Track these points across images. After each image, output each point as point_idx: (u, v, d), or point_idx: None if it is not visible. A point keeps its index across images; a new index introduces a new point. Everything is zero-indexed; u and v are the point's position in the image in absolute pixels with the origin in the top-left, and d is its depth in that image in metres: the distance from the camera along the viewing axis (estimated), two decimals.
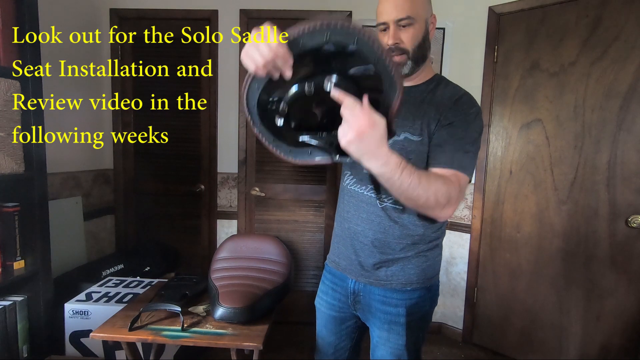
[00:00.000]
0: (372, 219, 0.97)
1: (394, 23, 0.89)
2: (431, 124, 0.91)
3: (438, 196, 0.80)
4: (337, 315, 1.09)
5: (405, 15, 0.88)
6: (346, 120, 0.68)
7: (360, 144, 0.68)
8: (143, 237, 2.41)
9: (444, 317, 2.38)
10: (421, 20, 0.91)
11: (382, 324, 1.00)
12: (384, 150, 0.72)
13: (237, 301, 1.25)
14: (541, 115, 1.91)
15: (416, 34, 0.90)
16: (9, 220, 1.38)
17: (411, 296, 0.98)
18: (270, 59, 0.65)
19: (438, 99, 0.93)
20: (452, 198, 0.83)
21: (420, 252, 0.98)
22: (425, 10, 0.91)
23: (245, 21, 2.25)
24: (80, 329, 1.51)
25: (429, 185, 0.79)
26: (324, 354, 1.15)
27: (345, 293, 1.06)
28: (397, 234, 0.96)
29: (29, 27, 1.39)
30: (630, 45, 1.65)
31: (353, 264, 1.03)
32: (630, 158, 1.68)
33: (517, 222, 2.03)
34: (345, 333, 1.11)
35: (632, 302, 1.71)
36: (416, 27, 0.90)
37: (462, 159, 0.87)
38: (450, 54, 2.20)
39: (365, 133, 0.67)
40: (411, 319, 0.98)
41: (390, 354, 1.00)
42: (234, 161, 2.35)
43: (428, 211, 0.84)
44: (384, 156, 0.72)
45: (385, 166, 0.73)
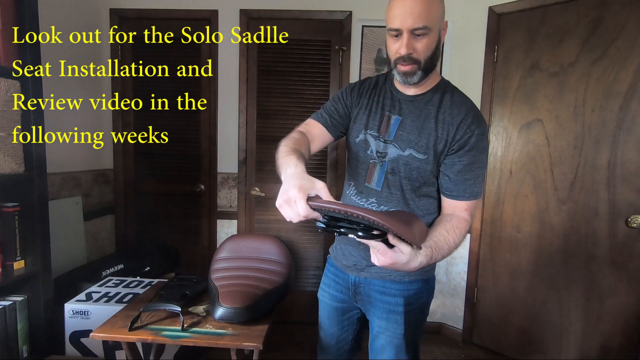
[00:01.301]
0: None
1: (409, 32, 0.84)
2: (438, 144, 0.91)
3: (458, 241, 0.87)
4: (339, 306, 1.12)
5: (422, 25, 0.83)
6: (375, 254, 0.72)
7: (393, 267, 0.73)
8: (143, 237, 2.41)
9: (444, 317, 2.38)
10: (436, 30, 0.86)
11: (382, 313, 1.03)
12: (414, 264, 0.74)
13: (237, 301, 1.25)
14: (541, 115, 1.91)
15: (430, 45, 0.87)
16: (9, 220, 1.37)
17: (409, 287, 1.01)
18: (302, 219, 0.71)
19: (445, 116, 0.92)
20: (467, 229, 0.91)
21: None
22: (440, 19, 0.87)
23: (245, 21, 2.25)
24: (80, 329, 1.51)
25: (452, 243, 0.85)
26: (326, 345, 1.17)
27: (346, 285, 1.09)
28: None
29: (29, 27, 1.39)
30: (630, 45, 1.65)
31: (353, 263, 1.05)
32: (630, 158, 1.68)
33: (517, 222, 2.03)
34: (347, 324, 1.14)
35: (632, 302, 1.71)
36: (431, 37, 0.86)
37: (474, 187, 0.91)
38: (450, 54, 2.20)
39: (392, 266, 0.72)
40: (409, 309, 1.01)
41: (389, 343, 1.03)
42: (234, 161, 2.35)
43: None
44: (415, 265, 0.75)
45: (420, 268, 0.77)
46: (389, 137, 0.96)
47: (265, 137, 2.32)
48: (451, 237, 0.86)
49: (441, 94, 0.95)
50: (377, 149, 0.97)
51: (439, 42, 0.89)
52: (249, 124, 2.33)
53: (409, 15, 0.83)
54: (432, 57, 0.89)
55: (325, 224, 0.72)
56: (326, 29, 2.25)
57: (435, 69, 0.94)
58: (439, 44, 0.90)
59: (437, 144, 0.91)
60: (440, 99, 0.94)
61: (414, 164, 0.93)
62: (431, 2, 0.84)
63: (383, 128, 0.97)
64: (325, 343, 1.18)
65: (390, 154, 0.95)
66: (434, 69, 0.92)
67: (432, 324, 2.39)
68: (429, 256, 0.78)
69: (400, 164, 0.94)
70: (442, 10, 0.87)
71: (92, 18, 2.23)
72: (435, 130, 0.91)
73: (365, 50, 2.24)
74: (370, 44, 2.24)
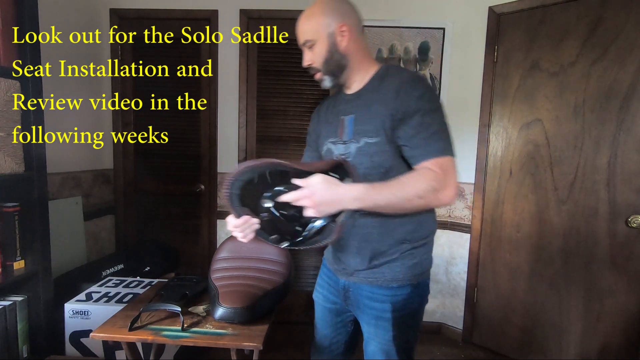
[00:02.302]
0: (351, 229, 1.00)
1: (303, 46, 1.00)
2: (385, 122, 0.92)
3: (419, 192, 0.85)
4: (333, 307, 1.14)
5: (304, 40, 0.98)
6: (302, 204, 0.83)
7: (320, 202, 0.82)
8: (143, 237, 2.41)
9: (444, 317, 2.38)
10: (322, 38, 0.96)
11: (370, 319, 1.03)
12: (341, 189, 0.83)
13: (237, 301, 1.25)
14: (541, 115, 1.91)
15: (320, 52, 0.97)
16: (9, 220, 1.37)
17: (397, 293, 0.99)
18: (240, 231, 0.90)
19: (383, 94, 0.94)
20: (438, 184, 0.85)
21: (406, 252, 0.99)
22: (325, 26, 0.96)
23: (245, 21, 2.25)
24: (80, 329, 1.51)
25: (404, 189, 0.85)
26: (320, 346, 1.19)
27: (337, 288, 1.10)
28: (379, 239, 0.98)
29: (29, 27, 1.39)
30: (630, 45, 1.65)
31: (342, 267, 1.06)
32: (630, 158, 1.68)
33: (517, 222, 2.03)
34: (341, 326, 1.15)
35: (632, 302, 1.71)
36: (319, 45, 0.97)
37: (434, 144, 0.88)
38: (450, 54, 2.20)
39: (314, 197, 0.81)
40: (397, 315, 0.99)
41: (379, 349, 1.03)
42: (234, 161, 2.35)
43: (424, 208, 0.89)
44: (345, 192, 0.83)
45: (357, 200, 0.83)
46: (347, 137, 0.99)
47: (265, 137, 2.32)
48: (406, 179, 0.86)
49: (381, 78, 0.99)
50: (340, 152, 1.01)
51: (333, 45, 0.97)
52: (249, 124, 2.33)
53: (299, 33, 1.00)
54: (327, 62, 0.98)
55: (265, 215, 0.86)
56: None
57: (363, 65, 1.01)
58: (334, 47, 0.97)
59: (384, 123, 0.92)
60: (379, 83, 0.97)
61: (372, 150, 0.94)
62: (310, 17, 0.97)
63: (340, 131, 1.02)
64: (318, 344, 1.20)
65: (351, 151, 0.98)
66: (344, 69, 1.00)
67: (432, 324, 2.39)
68: (369, 187, 0.84)
69: (361, 155, 0.96)
70: (326, 21, 0.96)
71: (92, 18, 2.23)
72: (380, 111, 0.93)
73: None
74: (370, 44, 2.24)
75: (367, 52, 1.03)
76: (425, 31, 2.21)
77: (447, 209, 2.31)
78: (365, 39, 1.05)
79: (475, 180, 2.18)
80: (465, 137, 2.19)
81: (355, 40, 0.98)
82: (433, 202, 0.87)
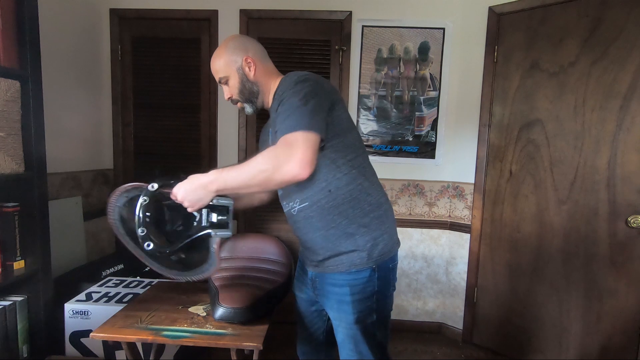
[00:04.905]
0: (299, 227, 1.09)
1: (220, 83, 1.12)
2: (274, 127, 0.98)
3: (261, 167, 0.89)
4: (306, 297, 1.23)
5: (219, 77, 1.10)
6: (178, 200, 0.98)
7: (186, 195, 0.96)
8: None
9: (444, 317, 2.38)
10: (233, 73, 1.08)
11: (333, 303, 1.09)
12: (198, 179, 0.95)
13: (237, 301, 1.25)
14: (541, 115, 1.91)
15: (234, 85, 1.09)
16: (9, 220, 1.37)
17: (356, 277, 1.04)
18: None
19: (276, 102, 0.99)
20: (279, 156, 0.88)
21: (357, 239, 1.03)
22: (232, 64, 1.07)
23: (245, 21, 2.25)
24: (80, 329, 1.51)
25: (248, 165, 0.91)
26: (301, 336, 1.30)
27: (307, 279, 1.19)
28: (323, 232, 1.04)
29: (29, 27, 1.39)
30: (630, 45, 1.65)
31: (309, 259, 1.15)
32: (630, 158, 1.68)
33: (517, 222, 2.03)
34: (316, 315, 1.24)
35: (632, 302, 1.71)
36: (232, 80, 1.09)
37: (285, 122, 0.91)
38: (450, 54, 2.20)
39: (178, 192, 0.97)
40: (356, 297, 1.04)
41: (346, 335, 1.08)
42: (234, 161, 2.34)
43: (270, 183, 0.91)
44: (201, 178, 0.95)
45: (211, 184, 0.94)
46: None
47: None
48: (253, 158, 0.92)
49: (279, 89, 1.05)
50: None
51: (243, 77, 1.09)
52: (249, 124, 2.33)
53: (213, 72, 1.12)
54: (242, 92, 1.10)
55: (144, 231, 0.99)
56: (326, 29, 2.25)
57: (268, 85, 1.11)
58: (244, 79, 1.09)
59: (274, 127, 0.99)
60: (279, 94, 1.03)
61: None
62: (219, 57, 1.09)
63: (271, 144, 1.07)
64: (300, 334, 1.30)
65: None
66: (257, 95, 1.11)
67: (432, 324, 2.39)
68: (220, 170, 0.95)
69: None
70: (232, 58, 1.08)
71: (92, 18, 2.23)
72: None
73: (365, 50, 2.25)
74: (370, 44, 2.24)
75: (273, 71, 1.13)
76: (425, 31, 2.21)
77: (447, 209, 2.31)
78: (268, 61, 1.14)
79: (475, 180, 2.18)
80: (465, 137, 2.19)
81: (260, 66, 1.09)
82: (277, 175, 0.88)
